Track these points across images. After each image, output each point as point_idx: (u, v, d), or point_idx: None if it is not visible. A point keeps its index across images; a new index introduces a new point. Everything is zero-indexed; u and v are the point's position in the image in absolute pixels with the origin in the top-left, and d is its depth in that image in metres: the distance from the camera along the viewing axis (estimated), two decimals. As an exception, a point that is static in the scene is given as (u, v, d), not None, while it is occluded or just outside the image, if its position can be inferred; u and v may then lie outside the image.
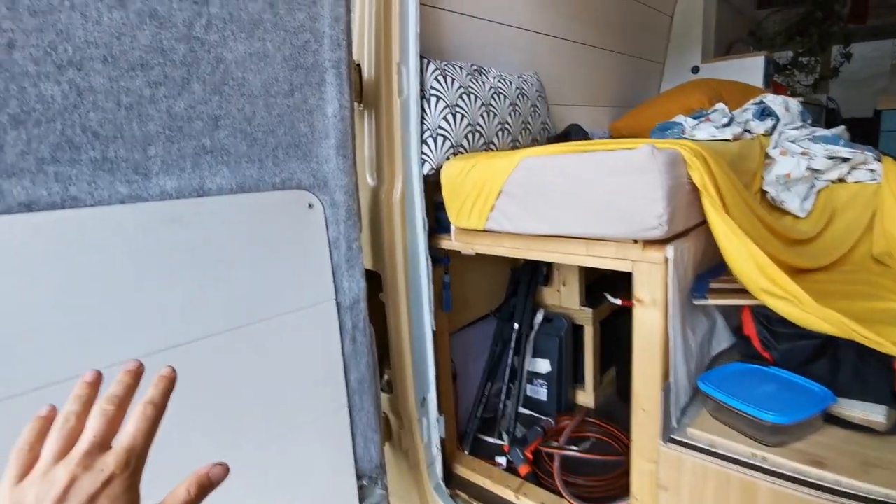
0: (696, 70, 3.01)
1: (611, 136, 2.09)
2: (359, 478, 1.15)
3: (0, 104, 0.64)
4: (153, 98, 0.77)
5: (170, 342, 0.81)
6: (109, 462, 0.38)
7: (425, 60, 1.30)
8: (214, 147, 0.85)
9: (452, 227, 1.29)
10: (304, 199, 0.99)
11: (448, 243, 1.32)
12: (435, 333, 1.34)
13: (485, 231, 1.19)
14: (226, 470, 0.43)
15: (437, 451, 1.41)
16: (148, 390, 0.44)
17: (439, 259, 1.36)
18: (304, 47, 0.96)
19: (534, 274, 1.72)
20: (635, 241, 0.99)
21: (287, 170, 0.96)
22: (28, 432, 0.40)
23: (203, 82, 0.83)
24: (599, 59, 2.18)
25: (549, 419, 1.63)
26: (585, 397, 1.79)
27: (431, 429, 1.39)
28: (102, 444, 0.39)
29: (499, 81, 1.44)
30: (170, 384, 0.45)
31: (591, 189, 0.98)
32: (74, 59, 0.69)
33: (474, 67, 1.40)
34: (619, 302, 1.71)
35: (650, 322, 1.00)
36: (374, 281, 1.27)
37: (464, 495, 1.49)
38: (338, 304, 1.06)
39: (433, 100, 1.28)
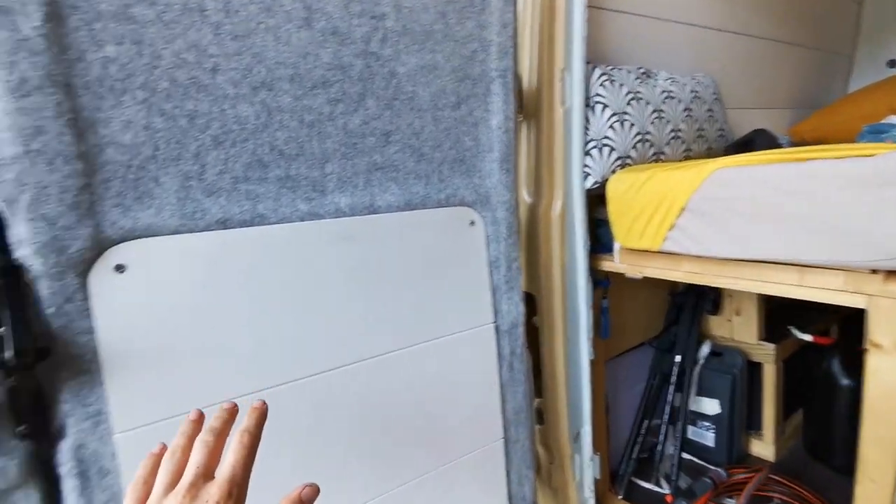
0: (893, 64, 2.52)
1: (793, 143, 1.79)
2: (511, 517, 1.06)
3: (203, 126, 0.66)
4: (332, 115, 0.77)
5: (336, 362, 0.79)
6: (213, 492, 0.40)
7: (590, 65, 1.19)
8: (385, 163, 0.83)
9: (617, 247, 1.16)
10: (466, 216, 0.94)
11: (610, 264, 1.20)
12: (592, 362, 1.22)
13: (659, 252, 1.05)
14: (316, 491, 0.44)
15: (589, 494, 1.28)
16: (243, 420, 0.46)
17: (598, 281, 1.24)
18: (472, 57, 0.91)
19: (699, 300, 1.51)
20: (874, 271, 0.79)
21: (451, 185, 0.91)
22: (141, 468, 0.44)
23: (377, 97, 0.81)
24: (777, 54, 1.89)
25: (718, 470, 1.40)
26: (763, 448, 1.52)
27: (585, 467, 1.26)
28: (206, 475, 0.41)
29: (670, 84, 1.28)
30: (262, 416, 0.47)
31: (814, 205, 0.80)
32: (266, 80, 0.71)
33: (642, 70, 1.27)
34: (809, 338, 1.44)
35: (891, 373, 0.79)
36: (528, 304, 1.18)
37: (618, 546, 1.33)
38: (496, 328, 0.99)
39: (598, 108, 1.17)
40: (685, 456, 1.51)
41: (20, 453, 0.58)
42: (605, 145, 1.16)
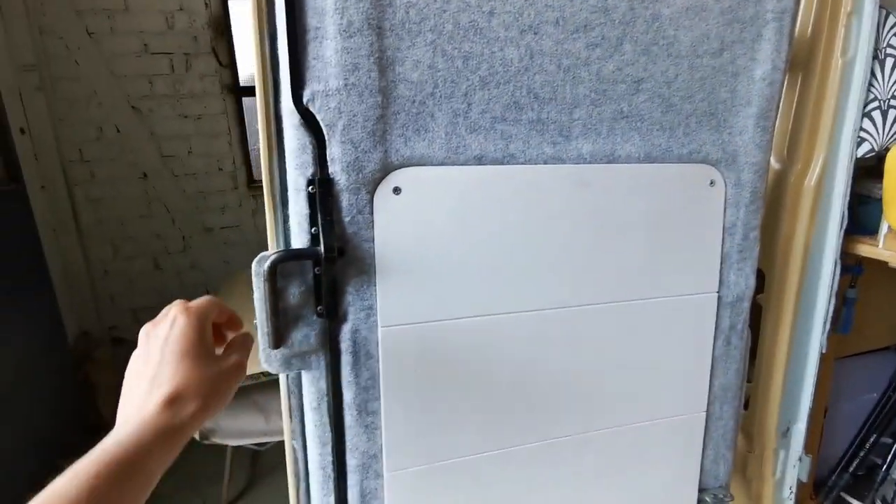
0: None
1: None
2: (700, 491, 1.03)
3: (474, 67, 0.72)
4: (588, 60, 0.77)
5: (558, 302, 0.83)
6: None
7: (883, 11, 0.98)
8: (631, 112, 0.81)
9: (885, 230, 0.98)
10: (707, 175, 0.88)
11: (870, 249, 1.02)
12: (821, 356, 1.08)
13: (953, 242, 0.86)
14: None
15: (789, 494, 1.17)
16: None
17: (848, 267, 1.07)
18: (746, -3, 0.82)
19: (985, 310, 1.21)
20: None
21: (696, 140, 0.86)
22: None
23: (634, 42, 0.78)
24: None
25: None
26: None
27: (788, 466, 1.15)
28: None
29: None
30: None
31: None
32: (534, 23, 0.73)
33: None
34: None
35: None
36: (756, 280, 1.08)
37: (813, 558, 1.21)
38: (719, 299, 0.93)
39: (889, 62, 0.97)
40: (921, 487, 1.27)
41: (318, 327, 0.74)
42: (893, 107, 0.97)
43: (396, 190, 0.72)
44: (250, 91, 3.66)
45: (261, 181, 0.71)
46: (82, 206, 3.47)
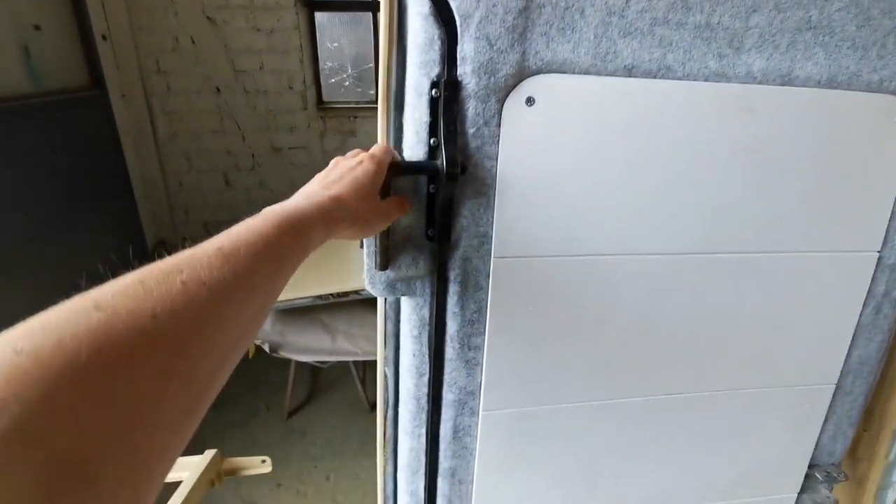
0: None
1: None
2: (811, 466, 0.94)
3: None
4: (778, -50, 0.61)
5: (694, 246, 0.72)
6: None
7: None
8: (820, 22, 0.65)
9: None
10: (895, 111, 0.72)
11: None
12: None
13: None
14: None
15: (901, 480, 1.06)
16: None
17: None
18: None
19: None
20: None
21: (891, 66, 0.69)
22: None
23: (843, -71, 0.62)
24: None
25: None
26: None
27: (907, 451, 1.03)
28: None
29: None
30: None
31: None
32: None
33: None
34: None
35: None
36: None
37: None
38: (879, 260, 0.79)
39: None
40: None
41: (427, 252, 0.67)
42: None
43: (530, 101, 0.62)
44: (323, 5, 3.51)
45: (330, 103, 0.65)
46: (159, 118, 3.54)
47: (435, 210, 0.64)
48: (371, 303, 2.13)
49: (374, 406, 2.56)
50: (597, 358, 0.77)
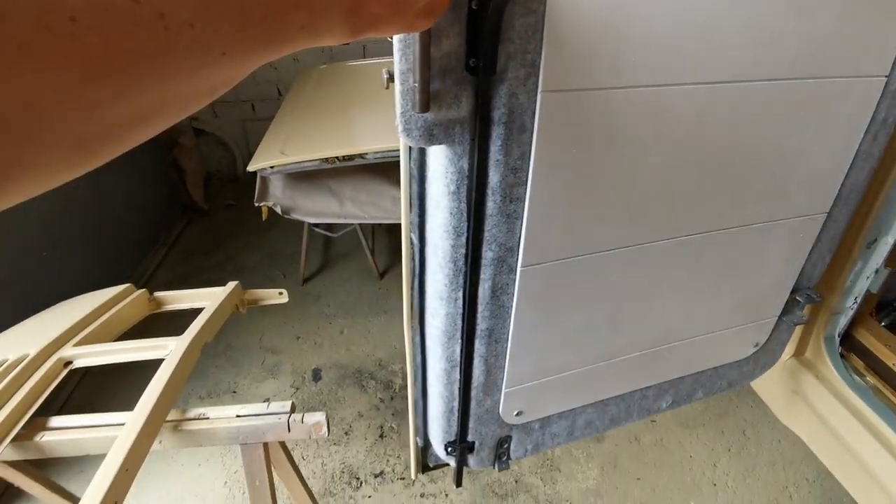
0: None
1: None
2: (793, 291, 1.02)
3: None
4: None
5: (733, 74, 0.69)
6: None
7: None
8: None
9: None
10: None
11: None
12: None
13: None
14: None
15: (851, 304, 1.20)
16: None
17: None
18: None
19: None
20: None
21: None
22: None
23: None
24: None
25: None
26: None
27: (861, 277, 1.15)
28: None
29: None
30: None
31: None
32: None
33: None
34: None
35: None
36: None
37: (855, 358, 1.29)
38: (885, 86, 0.81)
39: None
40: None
41: (469, 87, 0.58)
42: None
43: None
44: None
45: None
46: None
47: (479, 33, 0.55)
48: (375, 169, 2.13)
49: (383, 274, 2.74)
50: (633, 201, 0.74)
